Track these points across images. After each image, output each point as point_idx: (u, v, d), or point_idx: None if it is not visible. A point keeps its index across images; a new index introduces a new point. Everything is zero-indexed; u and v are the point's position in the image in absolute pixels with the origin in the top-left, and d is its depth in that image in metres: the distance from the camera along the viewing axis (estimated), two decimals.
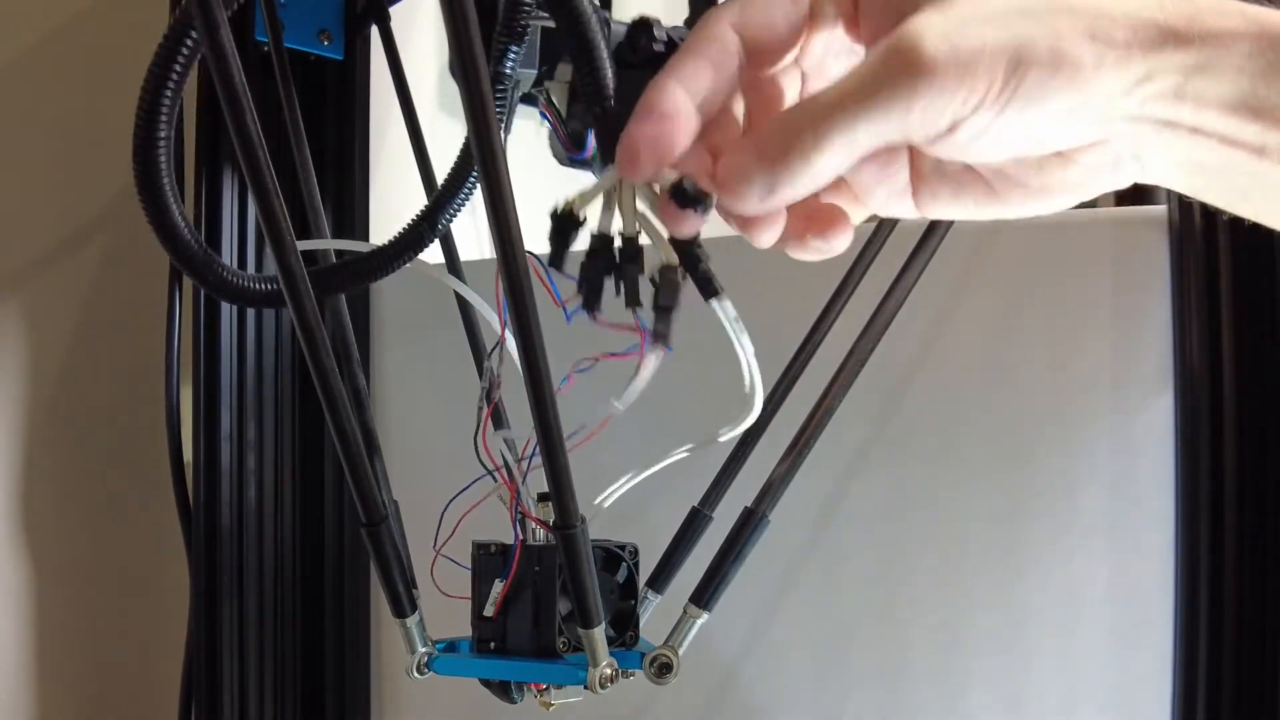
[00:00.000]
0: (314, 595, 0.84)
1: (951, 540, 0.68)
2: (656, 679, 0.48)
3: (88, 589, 0.85)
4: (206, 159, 0.78)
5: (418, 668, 0.48)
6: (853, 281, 0.58)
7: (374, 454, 0.51)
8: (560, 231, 0.35)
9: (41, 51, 0.82)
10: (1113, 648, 0.64)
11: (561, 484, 0.39)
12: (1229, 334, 0.61)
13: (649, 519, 0.56)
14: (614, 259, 0.35)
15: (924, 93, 0.29)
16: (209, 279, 0.44)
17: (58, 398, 0.83)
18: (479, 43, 0.33)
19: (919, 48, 0.29)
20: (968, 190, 0.35)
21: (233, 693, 0.79)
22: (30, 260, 0.82)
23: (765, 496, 0.53)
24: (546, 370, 0.37)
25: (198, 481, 0.79)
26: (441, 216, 0.46)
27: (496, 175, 0.34)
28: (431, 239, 0.47)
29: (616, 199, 0.35)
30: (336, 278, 0.48)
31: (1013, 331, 0.68)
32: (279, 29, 0.70)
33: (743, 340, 0.37)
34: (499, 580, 0.49)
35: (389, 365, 0.88)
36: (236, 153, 0.38)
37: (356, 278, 0.48)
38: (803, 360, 0.57)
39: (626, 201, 0.35)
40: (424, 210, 0.47)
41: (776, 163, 0.31)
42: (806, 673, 0.73)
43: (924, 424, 0.70)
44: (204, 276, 0.44)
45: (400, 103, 0.75)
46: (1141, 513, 0.63)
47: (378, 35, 0.79)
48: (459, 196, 0.46)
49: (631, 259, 0.35)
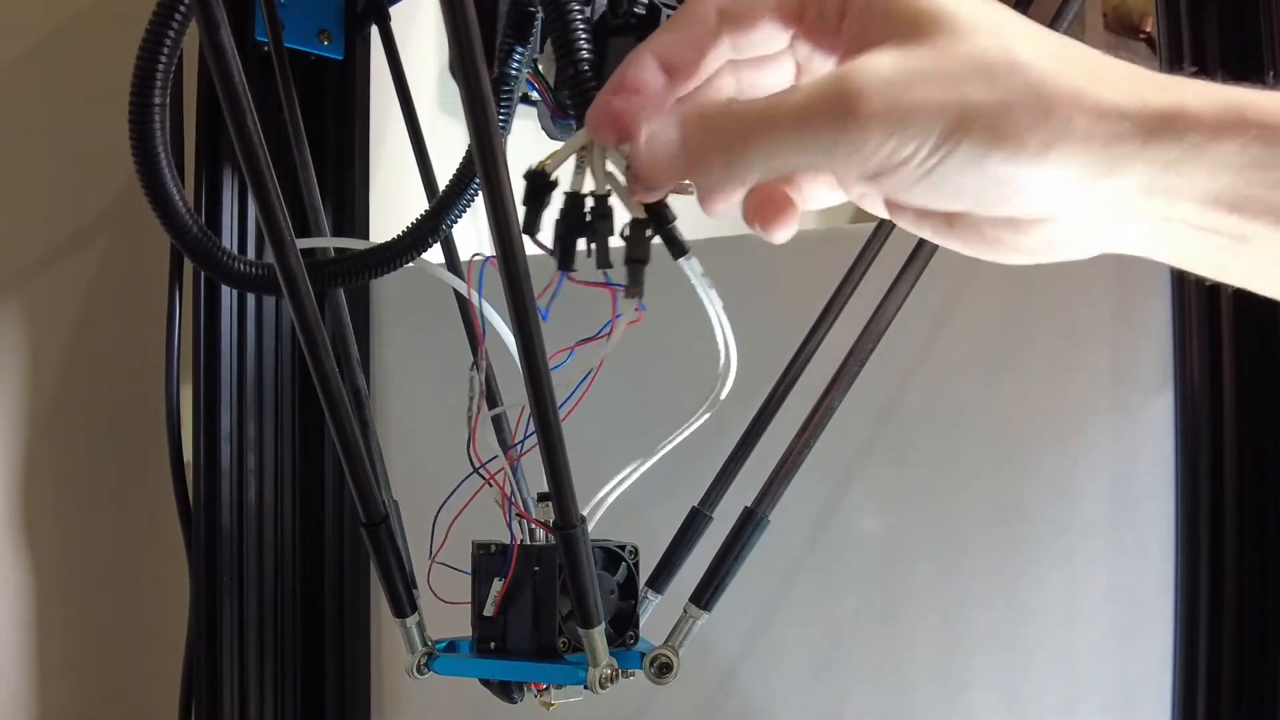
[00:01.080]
0: (314, 595, 0.84)
1: (951, 540, 0.68)
2: (656, 679, 0.48)
3: (88, 589, 0.85)
4: (206, 159, 0.78)
5: (418, 668, 0.48)
6: (853, 281, 0.58)
7: (374, 454, 0.51)
8: (534, 193, 0.36)
9: (41, 51, 0.82)
10: (1113, 648, 0.64)
11: (561, 484, 0.39)
12: (1229, 334, 0.60)
13: (649, 519, 0.56)
14: (585, 219, 0.36)
15: (850, 139, 0.29)
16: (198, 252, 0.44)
17: (58, 398, 0.83)
18: (479, 43, 0.33)
19: (856, 94, 0.28)
20: (926, 220, 0.34)
21: (233, 693, 0.80)
22: (30, 260, 0.82)
23: (765, 496, 0.53)
24: (546, 370, 0.37)
25: (198, 481, 0.79)
26: (445, 219, 0.46)
27: (496, 175, 0.34)
28: (434, 241, 0.47)
29: (588, 160, 0.36)
30: (335, 270, 0.49)
31: (1013, 331, 0.68)
32: (279, 29, 0.70)
33: (711, 295, 0.39)
34: (498, 580, 0.49)
35: (389, 365, 0.88)
36: (236, 153, 0.38)
37: (355, 273, 0.48)
38: (803, 360, 0.57)
39: (597, 162, 0.36)
40: (427, 212, 0.47)
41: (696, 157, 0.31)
42: (806, 672, 0.73)
43: (924, 424, 0.70)
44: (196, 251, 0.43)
45: (400, 103, 0.75)
46: (1141, 513, 0.63)
47: (378, 35, 0.79)
48: (464, 199, 0.46)
49: (602, 217, 0.36)
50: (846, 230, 0.74)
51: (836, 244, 0.63)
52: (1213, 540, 0.60)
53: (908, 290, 0.55)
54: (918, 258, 0.56)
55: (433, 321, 0.83)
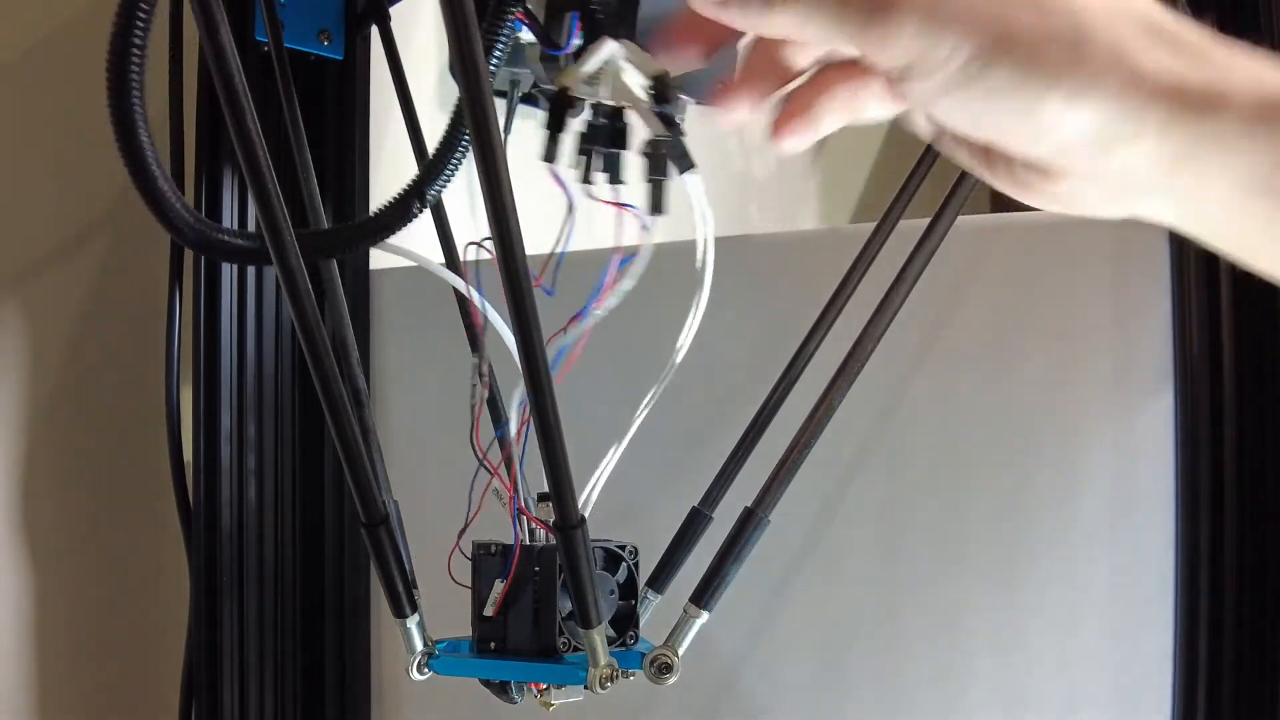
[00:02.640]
0: (314, 595, 0.84)
1: (951, 540, 0.68)
2: (656, 679, 0.48)
3: (88, 589, 0.85)
4: (206, 159, 0.78)
5: (418, 668, 0.48)
6: (853, 281, 0.58)
7: (374, 454, 0.51)
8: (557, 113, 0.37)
9: (41, 51, 0.82)
10: (1113, 648, 0.64)
11: (561, 484, 0.39)
12: (1229, 332, 0.60)
13: (649, 519, 0.56)
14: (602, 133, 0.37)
15: (878, 31, 0.28)
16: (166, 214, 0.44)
17: (58, 397, 0.83)
18: (479, 43, 0.33)
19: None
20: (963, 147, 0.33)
21: (233, 693, 0.79)
22: (30, 260, 0.82)
23: (765, 496, 0.53)
24: (547, 370, 0.37)
25: (198, 481, 0.79)
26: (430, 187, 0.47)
27: (496, 175, 0.34)
28: (421, 209, 0.47)
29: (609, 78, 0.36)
30: (326, 241, 0.49)
31: (1013, 331, 0.68)
32: (279, 29, 0.70)
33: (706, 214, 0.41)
34: (499, 580, 0.49)
35: (389, 365, 0.88)
36: (236, 153, 0.38)
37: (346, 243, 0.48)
38: (803, 360, 0.57)
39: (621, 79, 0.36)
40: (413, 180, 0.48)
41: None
42: (806, 672, 0.73)
43: (924, 424, 0.70)
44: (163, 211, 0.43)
45: (400, 103, 0.75)
46: (1141, 513, 0.63)
47: (378, 35, 0.79)
48: (448, 165, 0.46)
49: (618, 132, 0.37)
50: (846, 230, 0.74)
51: (836, 244, 0.63)
52: (1213, 540, 0.60)
53: (908, 290, 0.55)
54: (918, 258, 0.56)
55: (433, 321, 0.83)
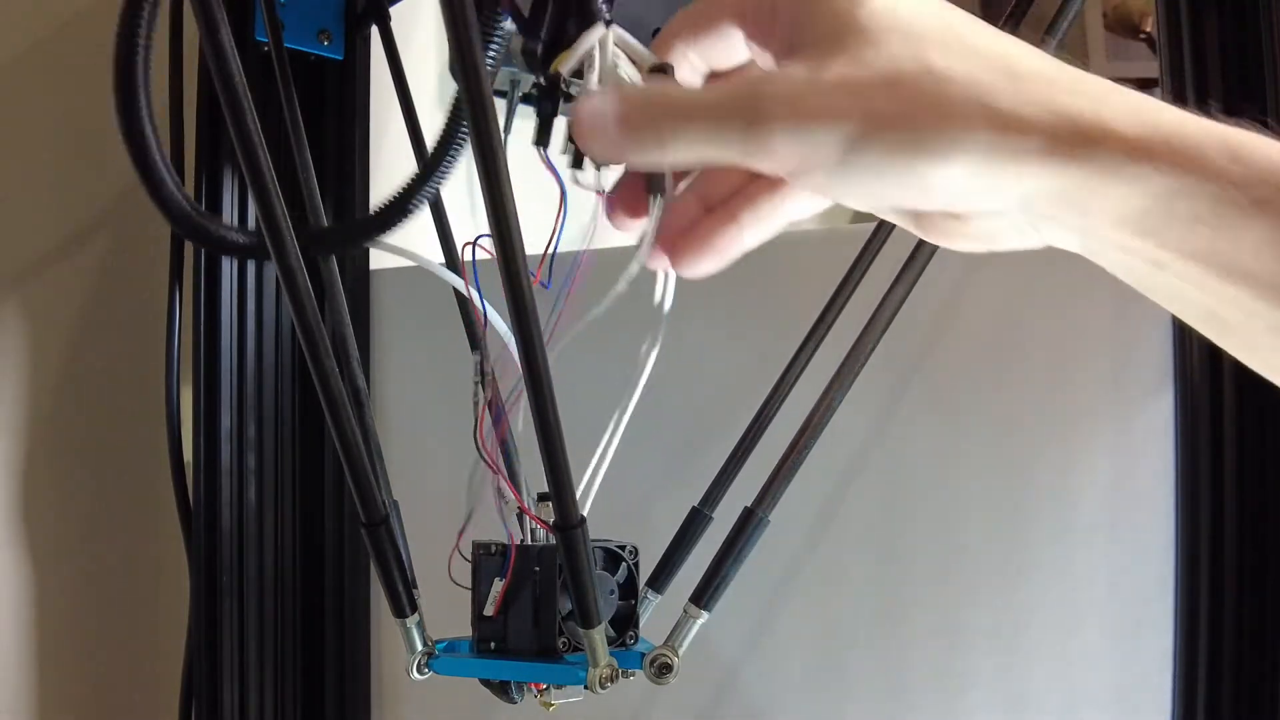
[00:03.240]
0: (314, 595, 0.84)
1: (951, 540, 0.68)
2: (656, 679, 0.48)
3: (88, 589, 0.85)
4: (206, 159, 0.78)
5: (418, 668, 0.48)
6: (853, 281, 0.58)
7: (374, 454, 0.51)
8: (549, 98, 0.36)
9: (41, 51, 0.82)
10: (1113, 648, 0.64)
11: (561, 484, 0.39)
12: None
13: (649, 519, 0.57)
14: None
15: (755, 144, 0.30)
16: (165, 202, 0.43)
17: (58, 398, 0.83)
18: (479, 43, 0.33)
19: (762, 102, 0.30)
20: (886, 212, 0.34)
21: (233, 693, 0.79)
22: (30, 260, 0.82)
23: (765, 496, 0.53)
24: (546, 370, 0.37)
25: (198, 481, 0.79)
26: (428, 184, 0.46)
27: (496, 175, 0.34)
28: (420, 205, 0.47)
29: (598, 62, 0.36)
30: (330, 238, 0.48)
31: (1012, 331, 0.68)
32: (279, 29, 0.70)
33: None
34: (499, 580, 0.49)
35: (389, 365, 0.88)
36: (236, 152, 0.38)
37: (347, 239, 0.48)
38: (803, 360, 0.57)
39: (609, 66, 0.36)
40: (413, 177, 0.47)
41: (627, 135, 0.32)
42: (806, 673, 0.73)
43: (924, 424, 0.70)
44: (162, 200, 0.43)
45: (400, 103, 0.75)
46: (1141, 513, 0.63)
47: (378, 35, 0.79)
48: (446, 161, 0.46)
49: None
50: (846, 230, 0.74)
51: (836, 244, 0.63)
52: (1213, 540, 0.60)
53: (908, 290, 0.55)
54: (918, 258, 0.56)
55: (433, 321, 0.83)
